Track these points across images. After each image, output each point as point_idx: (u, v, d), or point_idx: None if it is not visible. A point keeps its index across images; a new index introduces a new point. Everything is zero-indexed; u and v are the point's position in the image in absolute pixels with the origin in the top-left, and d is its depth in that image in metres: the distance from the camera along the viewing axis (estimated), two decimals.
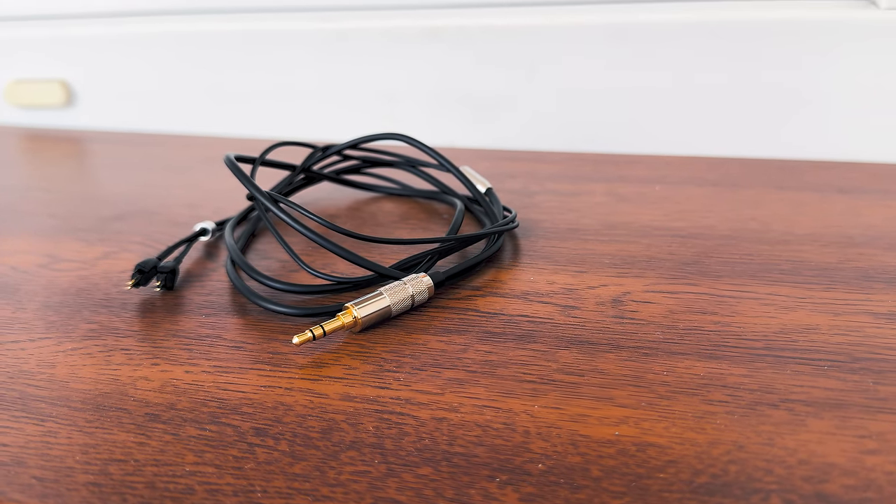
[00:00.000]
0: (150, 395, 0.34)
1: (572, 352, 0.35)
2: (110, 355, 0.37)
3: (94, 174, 0.63)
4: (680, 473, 0.28)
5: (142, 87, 0.73)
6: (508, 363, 0.35)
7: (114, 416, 0.33)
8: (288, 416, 0.32)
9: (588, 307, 0.39)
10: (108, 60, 0.73)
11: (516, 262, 0.44)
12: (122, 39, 0.72)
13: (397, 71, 0.65)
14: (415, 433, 0.31)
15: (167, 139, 0.71)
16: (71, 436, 0.32)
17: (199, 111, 0.72)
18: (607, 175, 0.56)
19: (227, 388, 0.34)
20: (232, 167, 0.44)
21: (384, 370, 0.35)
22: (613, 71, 0.60)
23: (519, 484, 0.28)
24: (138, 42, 0.72)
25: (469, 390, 0.33)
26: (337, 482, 0.28)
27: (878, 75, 0.54)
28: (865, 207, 0.48)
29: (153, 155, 0.67)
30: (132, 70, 0.73)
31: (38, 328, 0.40)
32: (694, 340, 0.36)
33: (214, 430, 0.32)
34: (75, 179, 0.63)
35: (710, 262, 0.42)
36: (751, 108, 0.58)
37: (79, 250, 0.49)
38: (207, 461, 0.30)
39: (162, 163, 0.65)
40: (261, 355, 0.37)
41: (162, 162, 0.65)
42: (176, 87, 0.71)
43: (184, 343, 0.38)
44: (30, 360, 0.37)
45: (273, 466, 0.29)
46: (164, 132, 0.73)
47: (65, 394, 0.35)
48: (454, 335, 0.37)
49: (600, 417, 0.31)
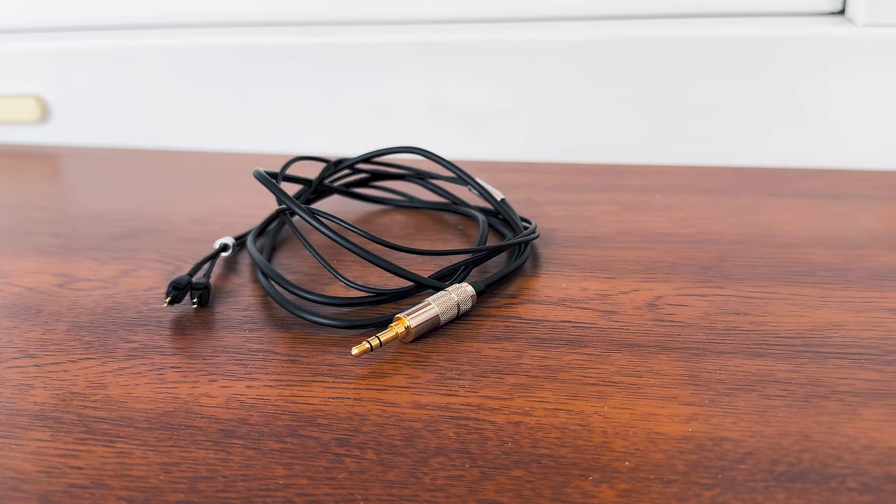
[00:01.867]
0: (217, 411, 0.34)
1: (624, 355, 0.37)
2: (162, 373, 0.37)
3: (87, 191, 0.62)
4: (759, 464, 0.30)
5: (121, 102, 0.72)
6: (566, 367, 0.36)
7: (186, 434, 0.33)
8: (365, 426, 0.33)
9: (626, 311, 0.41)
10: (85, 75, 0.71)
11: (543, 270, 0.45)
12: (99, 54, 0.70)
13: (389, 85, 0.66)
14: (496, 437, 0.32)
15: (155, 154, 0.70)
16: (147, 455, 0.32)
17: (183, 126, 0.71)
18: (607, 185, 0.58)
19: (295, 402, 0.35)
20: (265, 181, 0.44)
21: (446, 378, 0.36)
22: (603, 84, 0.62)
23: (612, 481, 0.29)
24: (116, 56, 0.70)
25: (536, 394, 0.34)
26: (435, 487, 0.29)
27: (856, 88, 0.58)
28: (857, 211, 0.52)
29: (144, 171, 0.66)
30: (110, 85, 0.71)
31: (76, 349, 0.39)
32: (736, 340, 0.38)
33: (296, 443, 0.32)
34: (69, 197, 0.61)
35: (728, 266, 0.45)
36: (737, 120, 0.61)
37: (94, 269, 0.48)
38: (298, 473, 0.30)
39: (156, 179, 0.64)
40: (319, 367, 0.37)
41: (155, 178, 0.64)
42: (159, 101, 0.71)
43: (236, 358, 0.38)
44: (77, 382, 0.37)
45: (367, 475, 0.30)
46: (147, 148, 0.72)
47: (126, 414, 0.34)
48: (505, 342, 0.38)
49: (670, 416, 0.32)
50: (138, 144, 0.72)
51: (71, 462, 0.31)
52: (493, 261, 0.46)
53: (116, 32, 0.71)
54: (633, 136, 0.63)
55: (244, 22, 0.69)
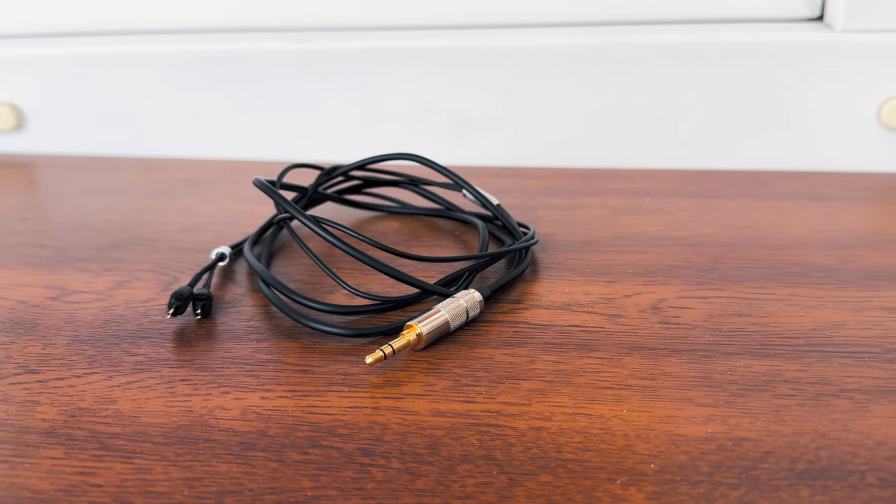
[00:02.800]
0: (235, 423, 0.34)
1: (635, 358, 0.37)
2: (172, 387, 0.37)
3: (70, 201, 0.61)
4: (779, 462, 0.30)
5: (100, 109, 0.70)
6: (580, 372, 0.36)
7: (205, 448, 0.32)
8: (387, 435, 0.33)
9: (631, 315, 0.41)
10: (63, 82, 0.70)
11: (544, 275, 0.46)
12: (77, 60, 0.69)
13: (376, 92, 0.66)
14: (519, 443, 0.32)
15: (136, 163, 0.69)
16: (167, 471, 0.31)
17: (165, 134, 0.70)
18: (597, 189, 0.59)
19: (313, 412, 0.34)
20: (266, 189, 0.44)
21: (462, 385, 0.36)
22: (590, 90, 0.63)
23: (640, 484, 0.30)
24: (94, 63, 0.69)
25: (554, 399, 0.35)
26: (465, 494, 0.29)
27: (836, 92, 0.60)
28: (842, 213, 0.53)
29: (127, 180, 0.65)
30: (89, 92, 0.70)
31: (79, 363, 0.39)
32: (742, 341, 0.38)
33: (319, 454, 0.32)
34: (51, 207, 0.60)
35: (725, 268, 0.46)
36: (719, 124, 0.62)
37: (86, 281, 0.47)
38: (326, 484, 0.30)
39: (140, 187, 0.63)
40: (332, 377, 0.37)
41: (140, 187, 0.63)
42: (140, 109, 0.69)
43: (247, 370, 0.38)
44: (85, 397, 0.36)
45: (395, 484, 0.30)
46: (128, 156, 0.71)
47: (140, 429, 0.34)
48: (516, 347, 0.39)
49: (688, 417, 0.33)
50: (118, 153, 0.70)
51: (90, 480, 0.31)
52: (491, 267, 0.47)
53: (95, 39, 0.70)
54: (618, 141, 0.64)
55: (229, 28, 0.69)
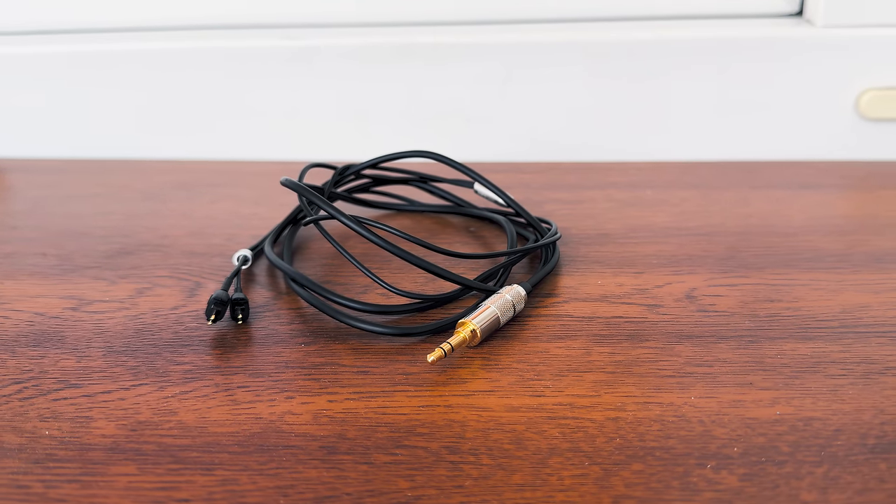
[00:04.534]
0: (310, 428, 0.33)
1: (686, 346, 0.39)
2: (231, 394, 0.36)
3: (58, 207, 0.58)
4: (851, 439, 0.32)
5: (70, 110, 0.68)
6: (638, 361, 0.37)
7: (287, 454, 0.32)
8: (468, 432, 0.33)
9: (669, 304, 0.42)
10: (29, 82, 0.67)
11: (572, 268, 0.47)
12: (47, 59, 0.66)
13: (368, 89, 0.65)
14: (601, 434, 0.33)
15: (121, 165, 0.67)
16: (255, 480, 0.31)
17: (151, 135, 0.68)
18: (596, 182, 0.60)
19: (386, 413, 0.34)
20: (300, 189, 0.43)
21: (527, 379, 0.36)
22: (578, 86, 0.64)
23: (729, 467, 0.31)
24: (63, 62, 0.66)
25: (621, 390, 0.35)
26: (565, 486, 0.30)
27: (815, 85, 0.62)
28: (833, 200, 0.56)
29: (113, 183, 0.63)
30: (58, 93, 0.67)
31: (122, 375, 0.38)
32: (781, 325, 0.40)
33: (406, 454, 0.32)
34: (38, 214, 0.57)
35: (743, 257, 0.47)
36: (705, 117, 0.64)
37: (103, 290, 0.45)
38: (423, 484, 0.30)
39: (131, 191, 0.61)
40: (394, 377, 0.37)
41: (130, 190, 0.61)
42: (121, 109, 0.67)
43: (304, 373, 0.37)
44: (141, 410, 0.35)
45: (492, 480, 0.30)
46: (104, 159, 0.68)
47: (211, 439, 0.33)
48: (568, 340, 0.39)
49: (754, 401, 0.34)
50: (91, 155, 0.68)
51: (175, 495, 0.30)
52: None
53: (66, 37, 0.67)
54: (608, 136, 0.65)
55: (216, 25, 0.67)
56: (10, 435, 0.33)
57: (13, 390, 0.37)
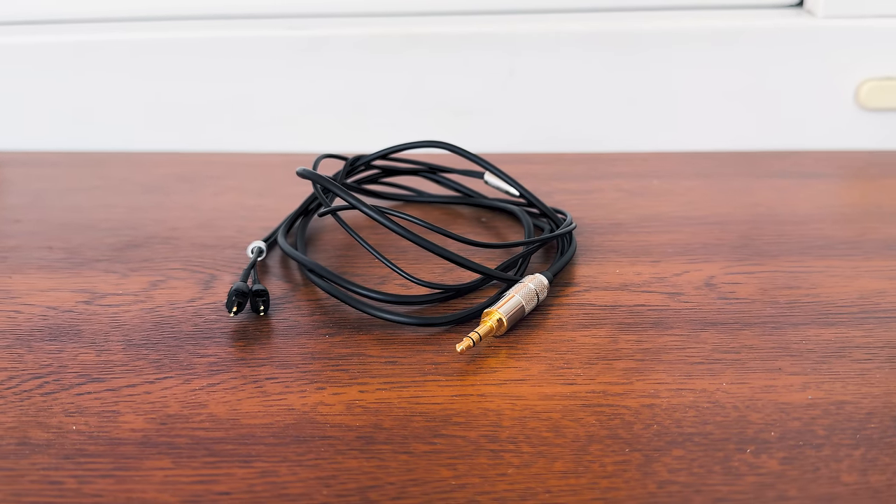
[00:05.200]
0: (345, 418, 0.33)
1: (711, 333, 0.39)
2: (260, 386, 0.35)
3: (59, 200, 0.57)
4: (884, 421, 0.32)
5: (65, 102, 0.66)
6: (665, 349, 0.38)
7: (325, 445, 0.32)
8: (504, 421, 0.33)
9: (689, 292, 0.43)
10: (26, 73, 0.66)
11: (587, 257, 0.47)
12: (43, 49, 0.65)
13: (371, 79, 0.65)
14: (638, 421, 0.33)
15: (118, 157, 0.66)
16: (295, 471, 0.30)
17: (148, 126, 0.67)
18: (602, 173, 0.60)
19: (419, 403, 0.34)
20: (319, 179, 0.43)
21: (557, 368, 0.36)
22: (581, 76, 0.64)
23: (769, 451, 0.31)
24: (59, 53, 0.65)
25: (652, 377, 0.35)
26: (608, 473, 0.30)
27: (815, 75, 0.63)
28: (839, 189, 0.56)
29: (113, 176, 0.62)
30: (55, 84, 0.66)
31: (146, 369, 0.37)
32: (802, 312, 0.40)
33: (445, 443, 0.32)
34: (39, 207, 0.56)
35: (756, 245, 0.48)
36: (704, 108, 0.65)
37: (116, 283, 0.45)
38: (465, 473, 0.30)
39: (132, 184, 0.60)
40: (423, 367, 0.37)
41: (131, 183, 0.60)
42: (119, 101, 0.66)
43: (332, 364, 0.37)
44: (170, 403, 0.34)
45: (535, 468, 0.30)
46: (104, 151, 0.67)
47: (245, 431, 0.33)
48: (593, 328, 0.39)
49: (785, 386, 0.35)
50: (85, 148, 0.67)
51: (214, 488, 0.30)
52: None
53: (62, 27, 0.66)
54: (611, 126, 0.66)
55: (217, 14, 0.66)
56: (36, 430, 0.33)
57: (33, 385, 0.36)
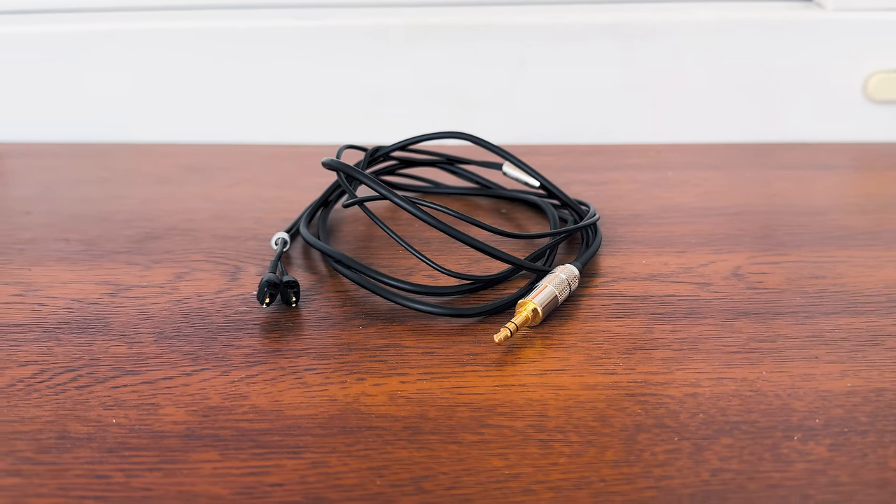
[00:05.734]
0: (389, 409, 0.33)
1: (745, 323, 0.39)
2: (300, 377, 0.35)
3: (69, 192, 0.56)
4: None
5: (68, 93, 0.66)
6: (701, 339, 0.38)
7: (373, 435, 0.32)
8: (550, 411, 0.33)
9: (718, 282, 0.43)
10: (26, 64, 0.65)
11: (612, 248, 0.47)
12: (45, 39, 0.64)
13: (382, 71, 0.64)
14: (683, 410, 0.33)
15: (123, 149, 0.65)
16: (346, 462, 0.30)
17: (157, 117, 0.66)
18: (615, 164, 0.60)
19: (462, 393, 0.34)
20: (348, 170, 0.42)
21: (596, 358, 0.36)
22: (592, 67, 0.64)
23: (815, 438, 0.31)
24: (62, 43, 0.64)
25: (692, 367, 0.36)
26: (659, 462, 0.30)
27: (824, 67, 0.63)
28: (852, 180, 0.57)
29: (120, 167, 0.61)
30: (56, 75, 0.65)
31: (181, 361, 0.37)
32: (831, 301, 0.41)
33: (493, 433, 0.32)
34: (51, 199, 0.55)
35: (778, 235, 0.48)
36: (714, 100, 0.65)
37: (139, 275, 0.44)
38: (517, 462, 0.30)
39: (141, 175, 0.59)
40: (461, 357, 0.36)
41: (140, 174, 0.59)
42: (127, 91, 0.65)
43: (369, 355, 0.37)
44: (210, 395, 0.34)
45: (586, 457, 0.30)
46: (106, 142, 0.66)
47: (290, 422, 0.32)
48: (627, 318, 0.39)
49: (824, 374, 0.35)
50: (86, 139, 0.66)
51: (266, 480, 0.29)
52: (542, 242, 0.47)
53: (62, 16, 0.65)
54: (620, 117, 0.66)
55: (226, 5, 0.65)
56: (75, 424, 0.32)
57: (67, 378, 0.35)
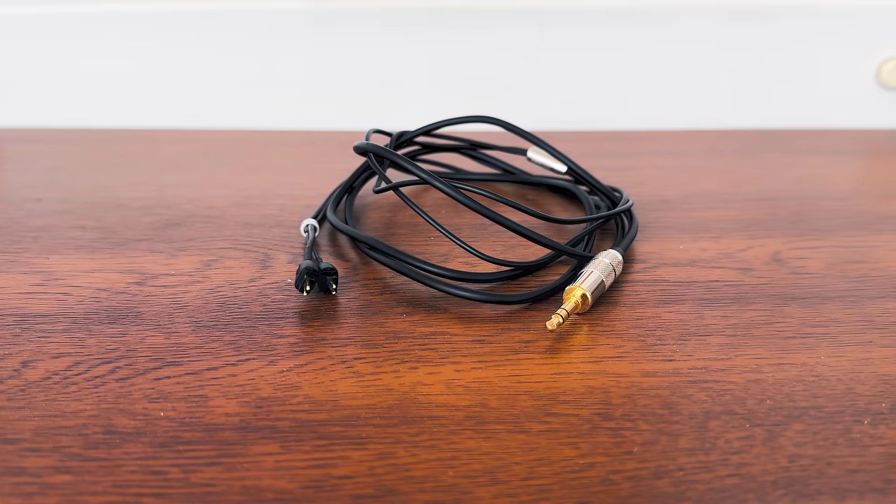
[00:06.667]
0: (448, 398, 0.32)
1: (793, 307, 0.39)
2: (350, 366, 0.34)
3: (79, 178, 0.54)
4: None
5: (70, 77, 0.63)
6: (754, 324, 0.37)
7: (435, 425, 0.31)
8: (614, 399, 0.32)
9: (759, 268, 0.42)
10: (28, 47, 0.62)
11: (647, 234, 0.46)
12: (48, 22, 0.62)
13: (394, 55, 0.63)
14: (748, 396, 0.32)
15: (131, 135, 0.63)
16: (413, 453, 0.29)
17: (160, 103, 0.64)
18: (632, 150, 0.60)
19: (520, 381, 0.33)
20: (386, 154, 0.41)
21: (650, 345, 0.36)
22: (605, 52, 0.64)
23: (885, 422, 0.31)
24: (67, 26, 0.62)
25: (749, 352, 0.35)
26: (734, 449, 0.29)
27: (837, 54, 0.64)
28: (873, 165, 0.57)
29: (129, 153, 0.59)
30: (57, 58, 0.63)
31: (224, 351, 0.35)
32: (874, 285, 0.41)
33: (559, 423, 0.31)
34: (61, 185, 0.53)
35: (810, 220, 0.48)
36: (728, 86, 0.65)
37: (164, 263, 0.43)
38: (590, 451, 0.29)
39: (153, 161, 0.57)
40: (514, 345, 0.36)
41: (151, 160, 0.57)
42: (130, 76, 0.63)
43: (418, 343, 0.36)
44: (260, 386, 0.33)
45: (660, 446, 0.30)
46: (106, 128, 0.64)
47: (348, 413, 0.31)
48: (675, 305, 0.39)
49: (881, 358, 0.35)
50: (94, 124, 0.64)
51: (333, 472, 0.28)
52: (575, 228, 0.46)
53: None
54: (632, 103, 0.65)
55: None
56: (120, 418, 0.31)
57: (105, 370, 0.34)
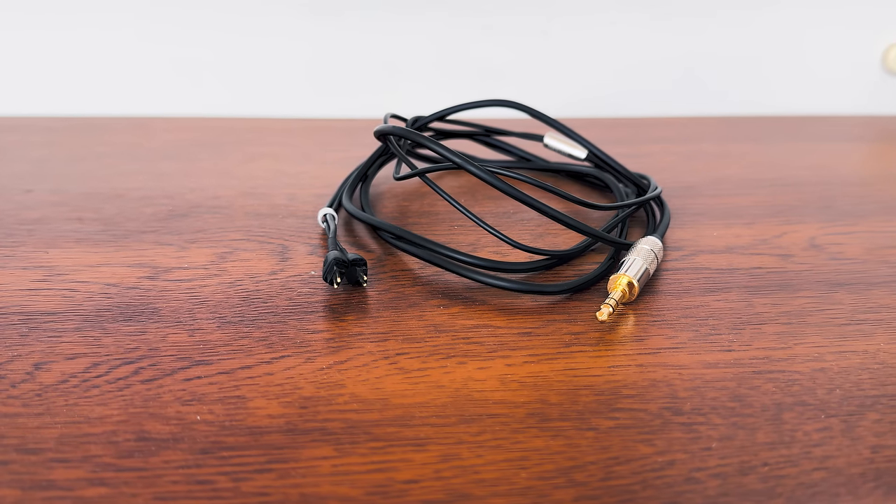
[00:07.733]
0: (504, 394, 0.30)
1: (842, 294, 0.37)
2: (394, 362, 0.32)
3: (70, 168, 0.51)
4: None
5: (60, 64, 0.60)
6: (806, 311, 0.36)
7: (496, 424, 0.29)
8: (678, 392, 0.30)
9: (798, 254, 0.41)
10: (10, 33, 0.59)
11: (678, 221, 0.45)
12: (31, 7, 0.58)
13: (401, 41, 0.61)
14: (815, 385, 0.31)
15: (119, 123, 0.60)
16: (479, 454, 0.27)
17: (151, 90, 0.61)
18: (647, 137, 0.58)
19: (577, 375, 0.31)
20: (421, 139, 0.39)
21: (705, 335, 0.34)
22: (615, 39, 0.62)
23: None
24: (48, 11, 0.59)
25: (806, 341, 0.34)
26: (814, 442, 0.28)
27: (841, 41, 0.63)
28: (876, 152, 0.57)
29: (121, 142, 0.56)
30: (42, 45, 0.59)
31: (255, 349, 0.33)
32: None
33: (626, 418, 0.29)
34: (52, 175, 0.50)
35: (840, 206, 0.47)
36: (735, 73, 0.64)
37: (175, 256, 0.40)
38: (665, 449, 0.28)
39: (145, 150, 0.54)
40: (562, 337, 0.34)
41: (144, 149, 0.54)
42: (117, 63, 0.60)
43: (461, 337, 0.34)
44: (301, 384, 0.31)
45: (738, 441, 0.28)
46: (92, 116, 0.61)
47: (401, 412, 0.29)
48: (721, 293, 0.37)
49: None
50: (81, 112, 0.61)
51: (396, 477, 0.26)
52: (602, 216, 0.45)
53: None
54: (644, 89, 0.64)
55: None
56: (153, 423, 0.28)
57: (127, 371, 0.31)
